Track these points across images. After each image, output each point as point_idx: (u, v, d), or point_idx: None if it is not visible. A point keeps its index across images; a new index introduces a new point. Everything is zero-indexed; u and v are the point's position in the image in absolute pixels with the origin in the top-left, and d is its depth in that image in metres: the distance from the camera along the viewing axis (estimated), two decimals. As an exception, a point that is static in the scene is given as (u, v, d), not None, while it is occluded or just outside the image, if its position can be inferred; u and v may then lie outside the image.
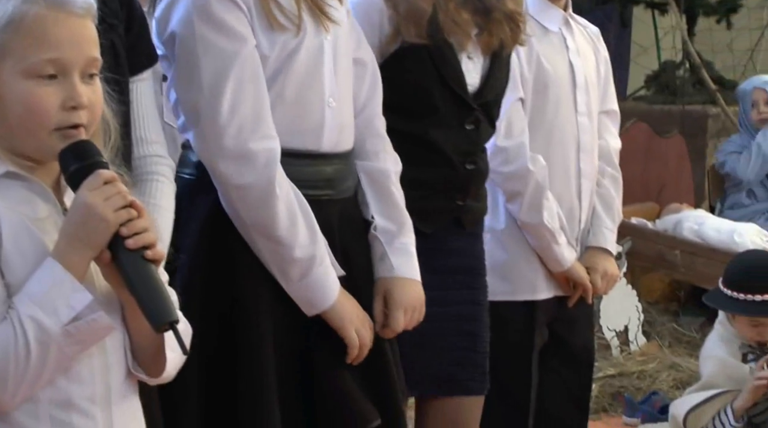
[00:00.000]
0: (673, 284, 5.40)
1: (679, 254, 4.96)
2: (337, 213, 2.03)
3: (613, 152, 2.86)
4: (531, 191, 2.62)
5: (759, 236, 4.86)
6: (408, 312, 2.05)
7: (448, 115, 2.30)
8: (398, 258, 2.06)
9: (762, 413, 3.26)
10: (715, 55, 6.73)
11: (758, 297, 3.21)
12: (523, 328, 2.68)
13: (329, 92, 1.99)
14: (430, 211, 2.23)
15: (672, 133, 5.94)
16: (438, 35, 2.26)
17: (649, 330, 5.04)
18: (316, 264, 1.93)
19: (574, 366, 2.81)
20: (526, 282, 2.68)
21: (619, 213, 2.85)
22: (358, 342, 1.98)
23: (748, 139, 5.30)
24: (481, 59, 2.35)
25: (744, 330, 3.29)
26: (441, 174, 2.31)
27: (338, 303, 1.96)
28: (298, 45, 1.95)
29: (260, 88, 1.92)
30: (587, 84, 2.74)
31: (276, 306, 1.95)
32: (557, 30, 2.72)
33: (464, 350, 2.37)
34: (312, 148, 1.99)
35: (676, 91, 6.26)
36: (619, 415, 4.19)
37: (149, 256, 1.37)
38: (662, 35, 6.86)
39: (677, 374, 4.52)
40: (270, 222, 1.90)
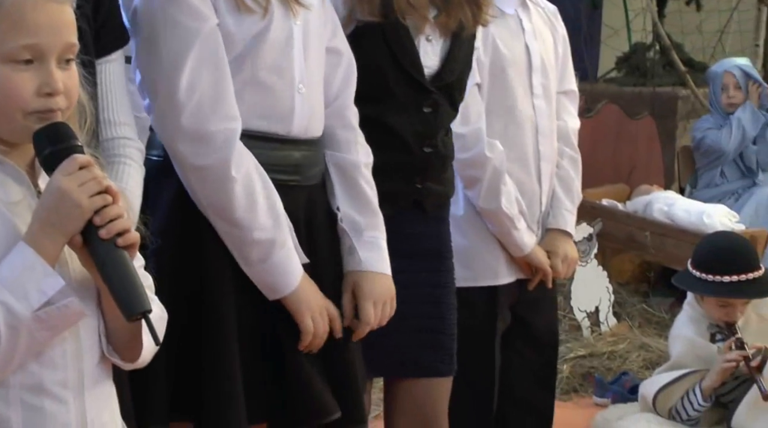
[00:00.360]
0: (643, 265, 5.43)
1: (649, 235, 4.99)
2: (303, 199, 2.02)
3: (571, 132, 2.85)
4: (489, 177, 2.61)
5: (728, 217, 4.90)
6: (378, 304, 2.05)
7: (405, 98, 2.28)
8: (367, 251, 2.05)
9: (730, 392, 3.30)
10: (685, 37, 6.77)
11: (726, 278, 3.24)
12: (486, 313, 2.69)
13: (299, 78, 1.98)
14: (388, 193, 2.19)
15: (642, 114, 5.97)
16: (392, 14, 2.23)
17: (619, 311, 5.07)
18: (277, 248, 1.91)
19: (538, 348, 2.82)
20: (487, 268, 2.68)
21: (579, 194, 2.84)
22: (313, 330, 1.96)
23: (720, 120, 5.33)
24: (440, 41, 2.33)
25: (712, 310, 3.32)
26: (398, 157, 2.29)
27: (299, 289, 1.94)
28: (266, 28, 1.94)
29: (221, 68, 1.90)
30: (544, 66, 2.72)
31: (241, 289, 1.94)
32: (513, 12, 2.70)
33: (431, 332, 2.37)
34: (281, 133, 1.98)
35: (647, 73, 6.29)
36: (589, 396, 4.21)
37: (121, 243, 1.37)
38: (632, 17, 6.89)
39: (647, 354, 4.55)
40: (226, 204, 1.89)
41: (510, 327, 2.76)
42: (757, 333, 3.35)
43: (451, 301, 2.42)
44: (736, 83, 5.28)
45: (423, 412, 2.39)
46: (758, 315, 3.39)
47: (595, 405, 4.10)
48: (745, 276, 3.23)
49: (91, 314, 1.43)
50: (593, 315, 4.89)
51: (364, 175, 2.09)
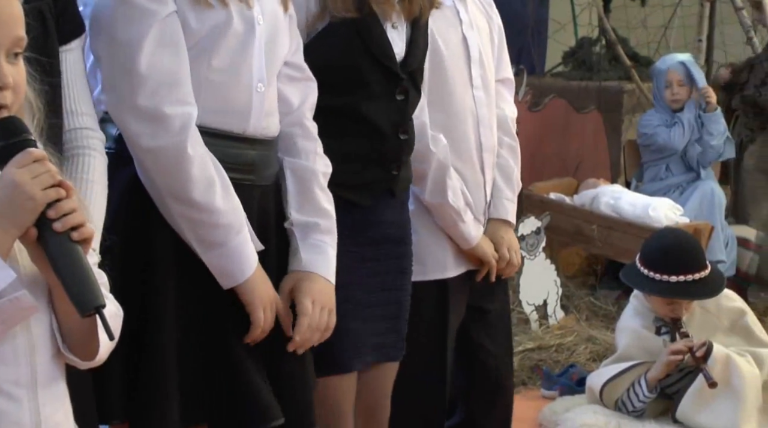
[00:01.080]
0: (590, 258, 5.48)
1: (596, 228, 5.03)
2: (257, 199, 2.02)
3: (509, 120, 2.86)
4: (434, 172, 2.61)
5: (672, 210, 4.96)
6: (317, 304, 2.02)
7: (379, 87, 2.31)
8: (310, 253, 2.04)
9: (674, 384, 3.34)
10: (630, 32, 6.83)
11: (673, 278, 3.26)
12: (437, 307, 2.70)
13: (258, 77, 1.98)
14: (367, 183, 2.23)
15: (589, 108, 6.02)
16: (365, 7, 2.26)
17: (567, 303, 5.12)
18: (234, 232, 1.91)
19: (496, 335, 2.85)
20: (436, 262, 2.69)
21: (518, 182, 2.84)
22: (262, 324, 1.96)
23: (665, 116, 5.39)
24: (404, 27, 2.35)
25: (658, 306, 3.35)
26: (375, 146, 2.31)
27: (254, 277, 1.94)
28: (226, 24, 1.94)
29: (179, 53, 1.90)
30: (481, 57, 2.72)
31: (187, 286, 1.93)
32: (450, 3, 2.70)
33: (392, 318, 2.40)
34: (237, 131, 1.98)
35: (593, 67, 6.34)
36: (537, 388, 4.24)
37: (76, 237, 1.36)
38: (579, 12, 6.94)
39: (594, 347, 4.60)
40: (184, 185, 1.88)
41: (466, 318, 2.78)
42: (702, 326, 3.39)
43: (408, 286, 2.46)
44: (680, 80, 5.31)
45: (372, 396, 2.42)
46: (703, 309, 3.43)
47: (542, 397, 4.13)
48: (691, 276, 3.26)
49: (42, 310, 1.41)
50: (541, 309, 4.93)
51: (320, 182, 2.09)
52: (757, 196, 5.47)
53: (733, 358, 3.24)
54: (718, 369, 3.20)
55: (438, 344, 2.72)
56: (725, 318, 3.44)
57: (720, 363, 3.21)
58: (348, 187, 2.24)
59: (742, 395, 3.21)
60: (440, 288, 2.71)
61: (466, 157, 2.70)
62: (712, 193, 5.17)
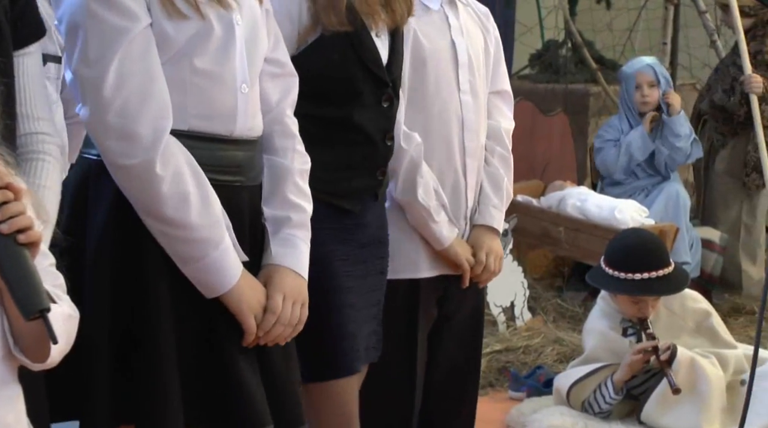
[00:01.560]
0: (557, 260, 5.50)
1: (563, 230, 5.06)
2: (247, 199, 2.03)
3: (504, 133, 2.85)
4: (404, 169, 2.61)
5: (638, 212, 4.99)
6: (288, 299, 2.02)
7: (369, 95, 2.35)
8: (282, 247, 2.04)
9: (640, 385, 3.37)
10: (596, 35, 6.87)
11: (638, 276, 3.30)
12: (407, 306, 2.70)
13: (241, 79, 1.99)
14: (357, 189, 2.26)
15: (555, 111, 6.06)
16: (357, 20, 2.29)
17: (534, 305, 5.13)
18: (212, 246, 1.91)
19: (461, 343, 2.84)
20: (408, 261, 2.69)
21: (509, 192, 2.84)
22: (255, 330, 1.97)
23: (627, 122, 5.40)
24: (386, 36, 2.40)
25: (625, 306, 3.38)
26: (365, 153, 2.36)
27: (238, 287, 1.94)
28: (205, 28, 1.94)
29: (151, 67, 1.90)
30: (471, 63, 2.73)
31: (180, 290, 1.94)
32: (438, 8, 2.72)
33: (375, 319, 2.44)
34: (224, 133, 1.99)
35: (559, 70, 6.37)
36: (505, 390, 4.25)
37: (22, 240, 1.35)
38: (545, 15, 6.97)
39: (561, 348, 4.62)
40: (155, 203, 1.89)
41: (435, 322, 2.78)
42: (667, 327, 3.42)
43: (385, 286, 2.49)
44: (651, 82, 5.30)
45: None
46: (668, 310, 3.46)
47: (510, 399, 4.14)
48: (656, 273, 3.30)
49: None
50: (509, 310, 4.94)
51: (294, 180, 2.09)
52: (728, 201, 5.51)
53: (698, 361, 3.27)
54: (683, 373, 3.23)
55: (407, 345, 2.72)
56: (690, 320, 3.47)
57: (684, 366, 3.24)
58: (339, 194, 2.29)
59: (707, 398, 3.24)
60: (411, 287, 2.71)
61: (446, 159, 2.70)
62: (677, 195, 5.21)
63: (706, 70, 6.40)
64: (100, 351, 1.89)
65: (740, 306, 5.31)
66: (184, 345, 1.93)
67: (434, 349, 2.80)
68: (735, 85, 5.33)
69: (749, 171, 5.38)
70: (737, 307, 5.30)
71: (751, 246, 5.49)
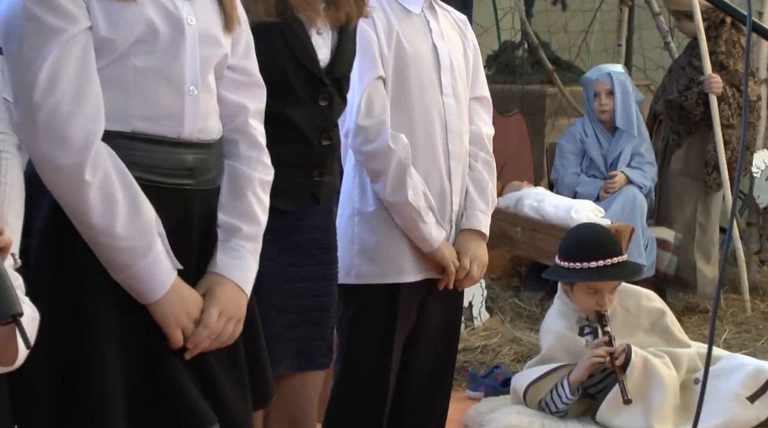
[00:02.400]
0: (514, 260, 5.53)
1: (520, 231, 5.08)
2: (198, 203, 2.00)
3: (485, 137, 2.85)
4: (393, 170, 2.62)
5: (594, 212, 5.02)
6: (224, 315, 1.97)
7: (303, 92, 2.31)
8: (228, 258, 2.00)
9: (597, 383, 3.40)
10: (552, 36, 6.92)
11: (593, 263, 3.34)
12: (388, 311, 2.71)
13: (190, 80, 1.96)
14: (290, 188, 2.21)
15: (512, 112, 6.09)
16: (287, 12, 2.26)
17: (492, 305, 5.16)
18: (140, 255, 1.88)
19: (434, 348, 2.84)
20: (392, 265, 2.69)
21: (494, 197, 2.84)
22: (182, 342, 1.94)
23: (591, 125, 5.45)
24: (330, 34, 2.36)
25: (582, 301, 3.40)
26: (298, 151, 2.31)
27: (166, 299, 1.91)
28: (150, 29, 1.91)
29: (85, 70, 1.87)
30: (453, 66, 2.74)
31: (118, 295, 1.91)
32: (419, 12, 2.73)
33: (317, 325, 2.39)
34: (171, 135, 1.96)
35: (516, 71, 6.41)
36: (463, 390, 4.27)
37: None
38: (501, 16, 7.02)
39: (518, 348, 4.65)
40: (82, 209, 1.86)
41: (413, 325, 2.78)
42: (623, 326, 3.45)
43: (334, 293, 2.44)
44: (608, 91, 5.35)
45: (296, 404, 2.41)
46: (624, 309, 3.49)
47: (468, 398, 4.16)
48: (609, 260, 3.34)
49: None
50: (467, 311, 4.96)
51: (255, 189, 2.06)
52: (683, 200, 5.56)
53: (652, 362, 3.31)
54: (636, 375, 3.27)
55: (383, 348, 2.72)
56: (645, 319, 3.51)
57: (638, 369, 3.27)
58: (272, 193, 2.22)
59: (660, 399, 3.28)
60: (393, 292, 2.70)
61: (431, 162, 2.70)
62: (634, 198, 5.25)
63: (660, 71, 6.47)
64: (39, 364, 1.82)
65: (694, 305, 5.38)
66: (126, 353, 1.90)
67: (409, 353, 2.79)
68: (691, 85, 5.39)
69: (710, 170, 5.44)
70: (691, 306, 5.37)
71: (705, 245, 5.55)
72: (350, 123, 2.65)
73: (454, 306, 2.89)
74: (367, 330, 2.70)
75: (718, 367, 3.40)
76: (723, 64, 5.40)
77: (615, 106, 5.34)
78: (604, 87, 5.35)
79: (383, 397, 2.75)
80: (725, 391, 3.33)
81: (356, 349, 2.69)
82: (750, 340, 4.95)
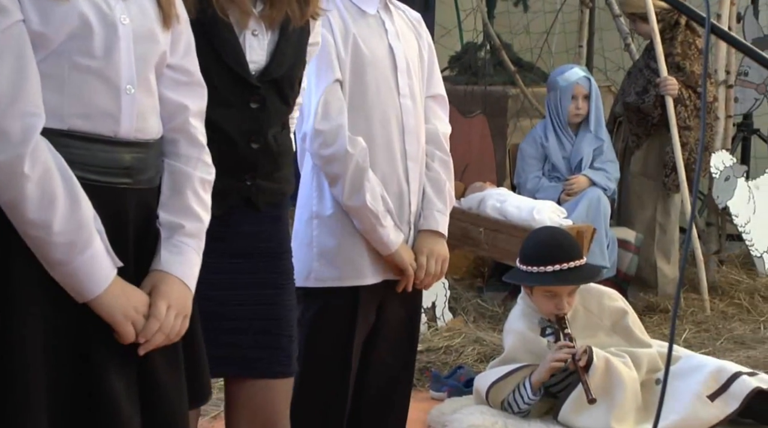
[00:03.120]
0: (477, 260, 5.55)
1: (483, 231, 5.10)
2: (134, 203, 1.99)
3: (442, 136, 2.85)
4: (351, 173, 2.62)
5: (556, 213, 5.05)
6: (172, 310, 1.97)
7: (229, 93, 2.27)
8: (171, 254, 2.00)
9: (559, 383, 3.42)
10: (514, 37, 6.95)
11: (550, 267, 3.37)
12: (348, 314, 2.71)
13: (126, 79, 1.95)
14: (218, 191, 2.14)
15: (475, 112, 6.11)
16: (209, 10, 2.22)
17: (455, 306, 5.17)
18: (77, 251, 1.86)
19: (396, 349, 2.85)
20: (352, 268, 2.69)
21: (452, 196, 2.84)
22: (132, 336, 1.93)
23: (553, 130, 5.47)
24: (267, 35, 2.31)
25: (542, 304, 3.43)
26: (225, 153, 2.25)
27: (109, 294, 1.90)
28: (84, 27, 1.89)
29: (23, 63, 1.84)
30: (409, 67, 2.74)
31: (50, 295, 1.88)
32: (375, 13, 2.73)
33: (266, 334, 2.35)
34: (107, 134, 1.94)
35: (478, 72, 6.43)
36: (426, 390, 4.27)
37: None
38: (464, 17, 7.03)
39: (481, 348, 4.66)
40: (19, 203, 1.83)
41: (372, 326, 2.79)
42: (584, 326, 3.48)
43: (289, 302, 2.40)
44: (586, 94, 5.37)
45: (263, 413, 2.39)
46: (585, 309, 3.52)
47: (431, 399, 4.17)
48: (567, 264, 3.37)
49: None
50: (430, 311, 4.97)
51: (194, 187, 2.06)
52: (643, 201, 5.61)
53: (613, 363, 3.34)
54: (598, 376, 3.29)
55: (343, 351, 2.72)
56: (607, 319, 3.54)
57: (600, 369, 3.30)
58: None
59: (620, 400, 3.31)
60: (353, 295, 2.70)
61: (389, 164, 2.70)
62: (598, 201, 5.28)
63: (620, 72, 6.52)
64: None
65: (655, 304, 5.42)
66: (54, 358, 1.87)
67: (369, 354, 2.80)
68: (649, 88, 5.44)
69: (668, 171, 5.49)
70: (652, 306, 5.41)
71: (665, 245, 5.60)
72: (307, 127, 2.64)
73: (413, 306, 2.89)
74: (326, 332, 2.70)
75: (678, 367, 3.44)
76: (679, 65, 5.46)
77: (589, 110, 5.37)
78: (582, 91, 5.38)
79: (343, 398, 2.75)
80: (686, 390, 3.37)
81: (316, 351, 2.69)
82: (709, 339, 5.01)
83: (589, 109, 5.38)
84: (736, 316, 5.36)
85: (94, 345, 1.92)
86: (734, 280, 5.77)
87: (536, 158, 5.47)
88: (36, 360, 1.85)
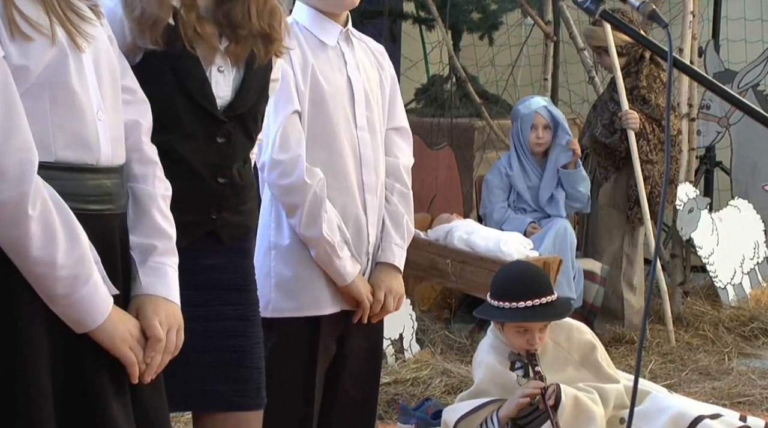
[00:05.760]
0: (444, 292, 5.56)
1: (450, 263, 5.11)
2: (118, 227, 2.01)
3: (403, 169, 2.86)
4: (309, 204, 2.62)
5: (523, 244, 5.08)
6: (165, 325, 1.99)
7: (195, 128, 2.28)
8: (150, 277, 2.02)
9: (526, 416, 3.42)
10: (479, 70, 7.01)
11: (521, 303, 3.36)
12: (308, 344, 2.71)
13: (96, 106, 1.96)
14: (183, 224, 2.14)
15: (442, 145, 6.14)
16: (177, 43, 2.23)
17: (422, 337, 5.17)
18: (80, 283, 1.88)
19: (359, 379, 2.85)
20: (311, 298, 2.69)
21: (410, 229, 2.85)
22: (135, 360, 1.95)
23: (518, 159, 5.51)
24: (233, 71, 2.33)
25: (513, 338, 3.43)
26: (191, 187, 2.27)
27: (108, 322, 1.91)
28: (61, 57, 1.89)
29: (11, 100, 1.85)
30: (368, 99, 2.75)
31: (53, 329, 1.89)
32: (335, 44, 2.74)
33: (233, 366, 2.35)
34: (91, 162, 1.96)
35: (444, 104, 6.46)
36: (394, 422, 4.27)
37: None
38: (430, 50, 7.08)
39: (449, 380, 4.66)
40: (23, 242, 1.84)
41: (335, 356, 2.79)
42: (553, 360, 3.48)
43: (255, 334, 2.41)
44: (546, 124, 5.42)
45: None
46: (554, 343, 3.53)
47: (400, 431, 4.17)
48: (539, 300, 3.36)
49: None
50: (397, 343, 4.97)
51: (158, 205, 2.07)
52: (611, 233, 5.65)
53: (582, 401, 3.33)
54: (567, 414, 3.29)
55: (306, 381, 2.72)
56: (576, 352, 3.54)
57: (568, 408, 3.30)
58: None
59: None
60: (313, 325, 2.70)
61: (346, 195, 2.71)
62: (564, 232, 5.32)
63: (585, 105, 6.58)
64: None
65: (621, 335, 5.45)
66: (60, 390, 1.88)
67: (332, 385, 2.80)
68: (614, 120, 5.50)
69: (632, 204, 5.54)
70: (618, 337, 5.44)
71: (632, 276, 5.64)
72: (265, 157, 2.66)
73: (374, 336, 2.90)
74: (287, 362, 2.69)
75: (643, 409, 3.44)
76: (645, 98, 5.52)
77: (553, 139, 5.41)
78: (542, 121, 5.43)
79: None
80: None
81: (278, 381, 2.68)
82: (675, 370, 5.04)
83: (553, 137, 5.42)
84: (701, 347, 5.39)
85: (90, 372, 1.92)
86: (699, 312, 5.81)
87: (501, 188, 5.50)
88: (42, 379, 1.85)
